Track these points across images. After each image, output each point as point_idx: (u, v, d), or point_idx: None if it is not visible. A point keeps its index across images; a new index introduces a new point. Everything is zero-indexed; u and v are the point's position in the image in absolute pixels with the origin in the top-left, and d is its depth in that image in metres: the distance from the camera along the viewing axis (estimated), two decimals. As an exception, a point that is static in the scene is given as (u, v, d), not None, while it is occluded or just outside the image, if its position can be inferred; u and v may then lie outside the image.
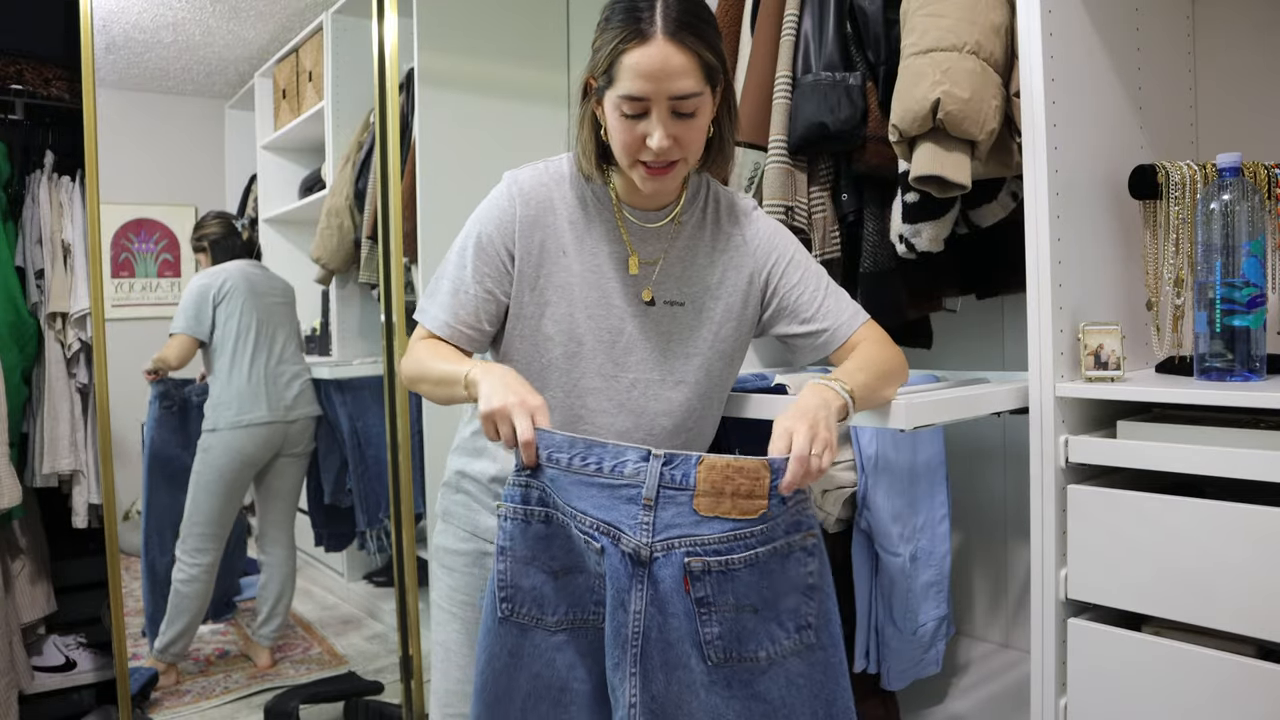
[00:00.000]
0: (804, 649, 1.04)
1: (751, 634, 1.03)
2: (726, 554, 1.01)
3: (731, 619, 1.02)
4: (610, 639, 1.02)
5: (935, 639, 1.78)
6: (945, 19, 1.42)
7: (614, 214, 1.23)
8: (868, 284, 1.66)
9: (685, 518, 1.01)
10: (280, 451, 2.63)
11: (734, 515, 1.00)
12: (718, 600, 1.01)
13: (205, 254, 2.65)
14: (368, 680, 2.44)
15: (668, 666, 1.01)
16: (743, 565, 1.01)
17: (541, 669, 1.07)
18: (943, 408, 1.32)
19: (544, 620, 1.07)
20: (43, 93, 2.30)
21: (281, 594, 2.68)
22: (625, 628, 1.00)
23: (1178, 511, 1.24)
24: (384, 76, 2.36)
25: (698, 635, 1.01)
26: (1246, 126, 1.64)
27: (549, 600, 1.06)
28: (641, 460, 1.02)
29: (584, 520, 1.03)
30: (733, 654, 1.02)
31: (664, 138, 1.10)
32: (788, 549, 1.03)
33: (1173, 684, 1.24)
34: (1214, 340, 1.31)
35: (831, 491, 1.71)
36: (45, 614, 2.22)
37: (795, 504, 1.03)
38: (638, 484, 1.02)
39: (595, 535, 1.02)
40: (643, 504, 1.01)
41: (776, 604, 1.03)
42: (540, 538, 1.06)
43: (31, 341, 2.16)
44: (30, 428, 2.18)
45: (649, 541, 1.00)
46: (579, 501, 1.03)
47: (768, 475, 1.00)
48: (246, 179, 3.17)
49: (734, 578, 1.01)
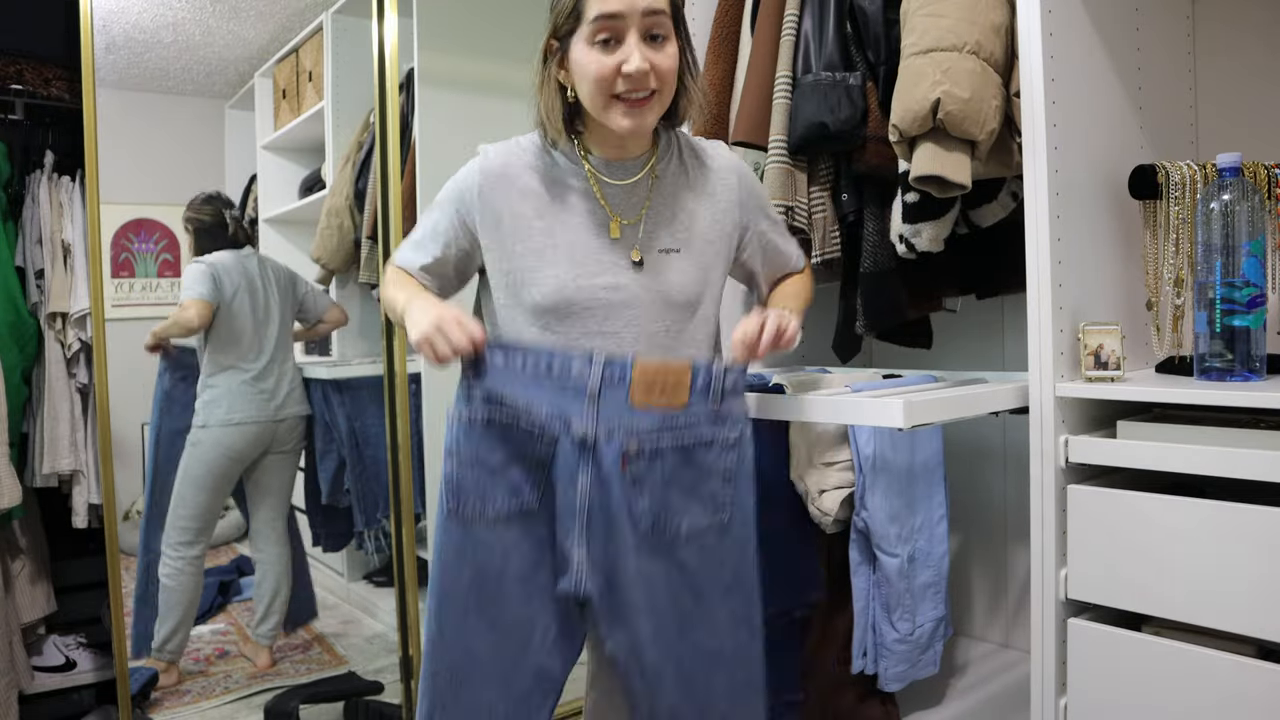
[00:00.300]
0: (719, 527, 1.23)
1: (676, 511, 1.20)
2: (656, 440, 1.18)
3: (659, 496, 1.19)
4: (562, 512, 1.18)
5: (933, 640, 1.78)
6: (945, 19, 1.42)
7: (587, 179, 1.24)
8: (868, 284, 1.66)
9: (623, 409, 1.18)
10: (269, 449, 2.63)
11: (661, 407, 1.19)
12: (648, 479, 1.18)
13: (190, 235, 2.63)
14: (368, 680, 2.44)
15: (607, 533, 1.18)
16: (670, 449, 1.19)
17: (483, 561, 1.19)
18: (942, 407, 1.32)
19: (485, 513, 1.19)
20: (43, 93, 2.30)
21: (277, 591, 2.67)
22: (575, 502, 1.18)
23: (1178, 511, 1.24)
24: (384, 76, 2.36)
25: (633, 509, 1.18)
26: (1246, 126, 1.64)
27: (489, 493, 1.19)
28: (585, 363, 1.18)
29: (539, 410, 1.17)
30: (660, 526, 1.19)
31: (641, 61, 1.15)
32: (710, 440, 1.21)
33: (1173, 684, 1.24)
34: (1214, 340, 1.31)
35: (829, 491, 1.71)
36: (45, 614, 2.22)
37: (721, 405, 1.21)
38: (583, 381, 1.17)
39: (550, 424, 1.17)
40: (588, 397, 1.17)
41: (698, 487, 1.21)
42: (483, 438, 1.19)
43: (31, 341, 2.16)
44: (30, 428, 2.18)
45: (594, 428, 1.17)
46: (534, 395, 1.18)
47: (688, 374, 1.20)
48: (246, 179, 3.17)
49: (663, 459, 1.19)
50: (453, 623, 1.20)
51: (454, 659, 1.20)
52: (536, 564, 1.20)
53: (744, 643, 1.25)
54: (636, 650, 1.20)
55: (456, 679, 1.20)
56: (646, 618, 1.20)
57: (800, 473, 1.73)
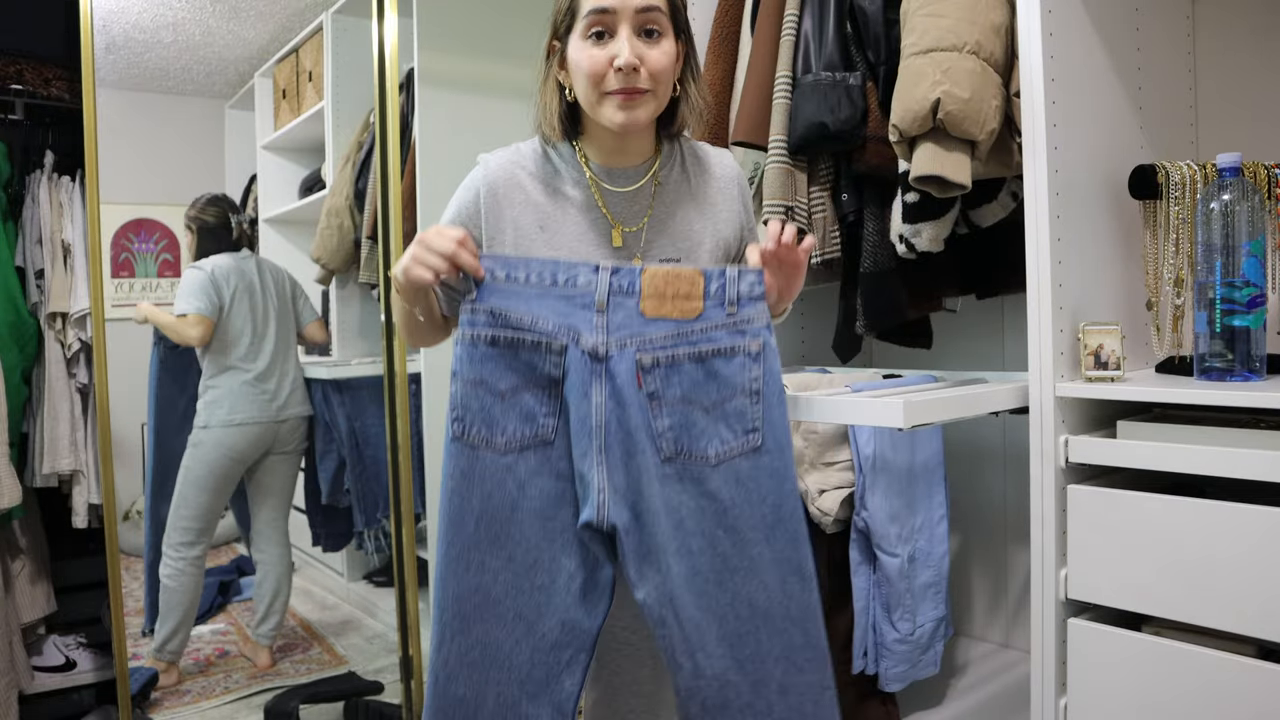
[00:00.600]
0: (750, 452, 1.12)
1: (701, 432, 1.12)
2: (672, 349, 1.12)
3: (680, 414, 1.12)
4: (577, 431, 1.11)
5: (933, 640, 1.78)
6: (945, 19, 1.42)
7: (589, 185, 1.23)
8: (868, 284, 1.66)
9: (633, 320, 1.12)
10: (271, 450, 2.63)
11: (674, 316, 1.13)
12: (666, 394, 1.12)
13: (193, 235, 2.63)
14: (368, 680, 2.44)
15: (628, 454, 1.11)
16: (688, 360, 1.12)
17: (493, 489, 1.12)
18: (942, 407, 1.32)
19: (493, 441, 1.12)
20: (43, 93, 2.30)
21: (278, 591, 2.67)
22: (589, 419, 1.11)
23: (1178, 511, 1.24)
24: (384, 76, 2.36)
25: (651, 427, 1.11)
26: (1246, 126, 1.64)
27: (498, 421, 1.12)
28: (592, 272, 1.13)
29: (545, 323, 1.12)
30: (683, 448, 1.12)
31: (631, 54, 1.14)
32: (731, 352, 1.13)
33: (1173, 684, 1.24)
34: (1214, 340, 1.31)
35: (829, 491, 1.71)
36: (45, 614, 2.22)
37: (738, 311, 1.14)
38: (590, 291, 1.12)
39: (558, 335, 1.12)
40: (596, 309, 1.12)
41: (723, 405, 1.13)
42: (488, 358, 1.13)
43: (31, 341, 2.16)
44: (30, 428, 2.18)
45: (605, 339, 1.11)
46: (539, 309, 1.12)
47: (702, 280, 1.13)
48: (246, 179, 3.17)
49: (681, 372, 1.12)
50: (461, 554, 1.12)
51: (462, 593, 1.12)
52: (558, 501, 1.13)
53: (795, 594, 1.12)
54: (672, 599, 1.10)
55: (465, 616, 1.13)
56: (679, 559, 1.10)
57: (800, 473, 1.73)
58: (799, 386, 1.60)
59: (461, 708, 1.13)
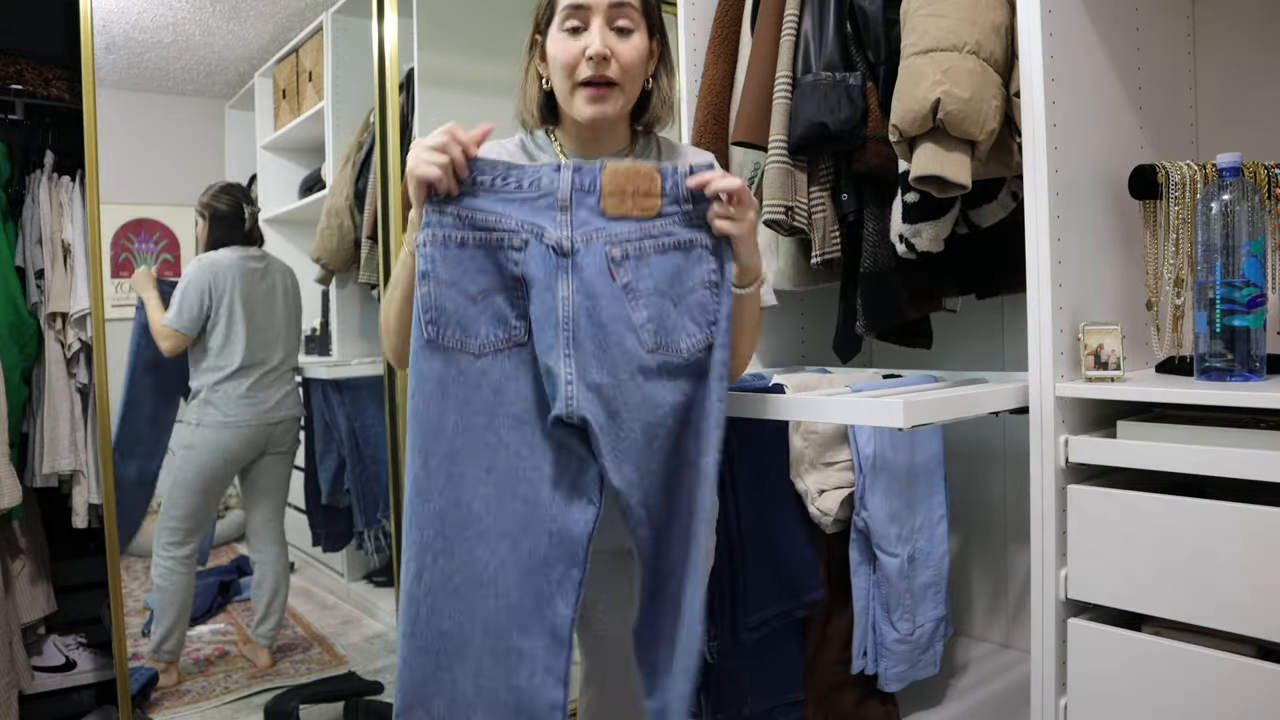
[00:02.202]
0: (709, 346, 1.15)
1: (674, 325, 1.14)
2: (638, 242, 1.13)
3: (655, 306, 1.13)
4: (540, 323, 1.11)
5: (933, 640, 1.78)
6: (945, 19, 1.42)
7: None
8: (868, 284, 1.66)
9: (596, 218, 1.13)
10: (265, 450, 2.63)
11: (635, 214, 1.14)
12: (640, 286, 1.13)
13: (205, 222, 2.62)
14: (368, 680, 2.44)
15: (601, 348, 1.11)
16: (654, 254, 1.14)
17: (469, 395, 1.10)
18: (942, 407, 1.31)
19: (467, 344, 1.11)
20: (43, 93, 2.30)
21: (276, 591, 2.67)
22: (555, 312, 1.10)
23: (1178, 511, 1.24)
24: (384, 76, 2.36)
25: (630, 318, 1.12)
26: (1246, 126, 1.64)
27: (470, 323, 1.11)
28: (554, 171, 1.13)
29: (509, 222, 1.12)
30: (662, 341, 1.13)
31: (601, 45, 1.19)
32: (690, 244, 1.15)
33: (1173, 684, 1.24)
34: (1214, 340, 1.31)
35: (829, 491, 1.71)
36: (45, 614, 2.22)
37: (690, 208, 1.15)
38: (553, 191, 1.13)
39: (519, 231, 1.11)
40: (559, 207, 1.13)
41: (688, 298, 1.15)
42: (459, 260, 1.11)
43: (31, 341, 2.16)
44: (30, 428, 2.18)
45: (570, 235, 1.12)
46: (503, 209, 1.12)
47: (658, 176, 1.15)
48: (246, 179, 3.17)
49: (649, 264, 1.13)
50: (440, 466, 1.08)
51: (444, 508, 1.08)
52: (534, 405, 1.12)
53: (700, 470, 1.14)
54: (644, 493, 1.12)
55: (447, 536, 1.08)
56: (656, 458, 1.12)
57: (800, 473, 1.73)
58: (799, 386, 1.60)
59: (446, 643, 1.08)
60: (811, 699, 1.73)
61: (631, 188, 1.14)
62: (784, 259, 1.86)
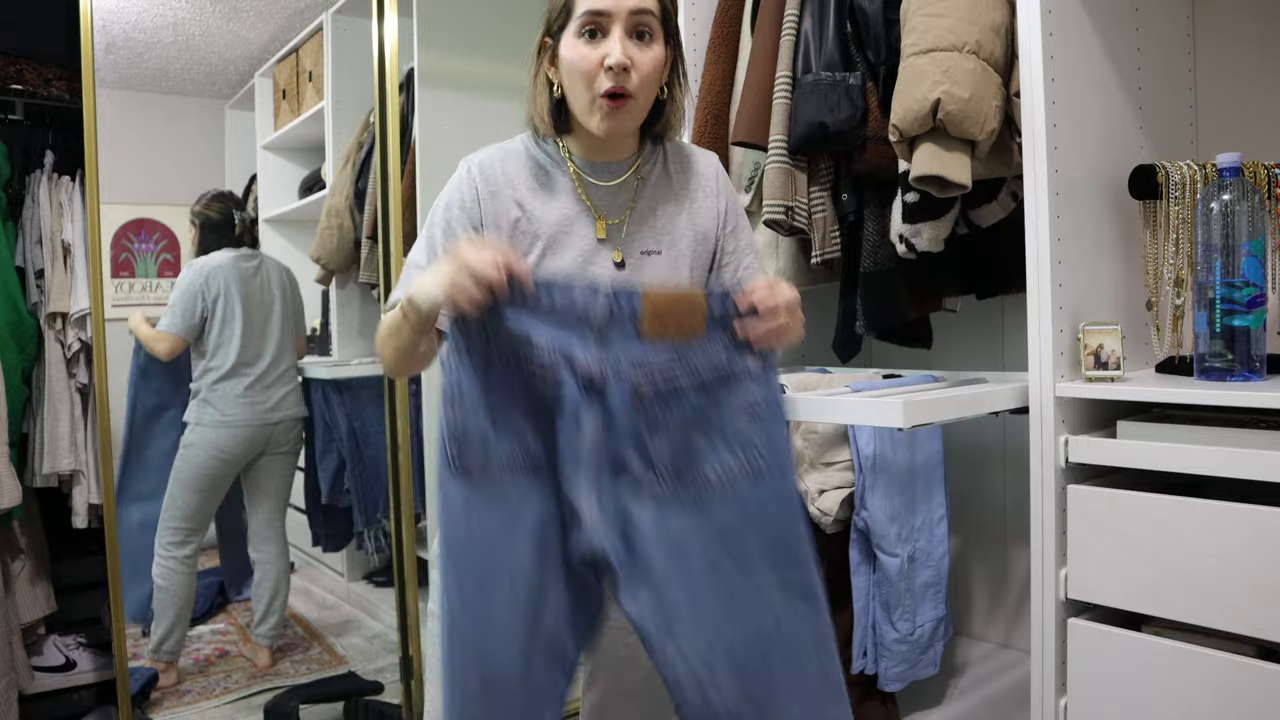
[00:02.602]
0: (752, 473, 1.09)
1: (701, 455, 1.09)
2: (671, 372, 1.08)
3: (680, 439, 1.08)
4: (565, 457, 1.07)
5: (933, 640, 1.78)
6: (945, 19, 1.42)
7: (573, 180, 1.24)
8: (868, 284, 1.66)
9: (632, 344, 1.08)
10: (265, 451, 2.63)
11: (675, 340, 1.08)
12: (666, 419, 1.08)
13: (196, 230, 2.63)
14: (368, 680, 2.44)
15: (620, 483, 1.07)
16: (688, 384, 1.08)
17: (490, 515, 1.08)
18: (942, 407, 1.32)
19: (489, 466, 1.08)
20: (43, 93, 2.30)
21: (276, 591, 2.68)
22: (580, 446, 1.06)
23: (1178, 511, 1.24)
24: (384, 76, 2.36)
25: (649, 454, 1.08)
26: (1246, 126, 1.64)
27: (492, 445, 1.08)
28: (591, 294, 1.08)
29: (539, 347, 1.07)
30: (683, 475, 1.08)
31: (622, 54, 1.14)
32: (731, 374, 1.09)
33: (1173, 684, 1.24)
34: (1214, 340, 1.31)
35: (829, 491, 1.71)
36: (45, 614, 2.22)
37: (737, 334, 1.10)
38: (587, 314, 1.07)
39: (550, 361, 1.07)
40: (593, 333, 1.07)
41: (723, 427, 1.09)
42: (484, 380, 1.07)
43: (31, 341, 2.16)
44: (30, 428, 2.18)
45: (600, 365, 1.07)
46: (533, 333, 1.07)
47: (704, 302, 1.09)
48: (246, 179, 3.17)
49: (681, 396, 1.08)
50: (464, 583, 1.08)
51: (468, 622, 1.09)
52: (547, 523, 1.10)
53: (803, 615, 1.10)
54: (672, 630, 1.07)
55: (471, 651, 1.09)
56: (681, 589, 1.07)
57: (800, 473, 1.73)
58: (799, 386, 1.60)
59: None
60: (811, 699, 1.73)
61: (673, 315, 1.09)
62: (784, 259, 1.86)
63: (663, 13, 1.19)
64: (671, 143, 1.31)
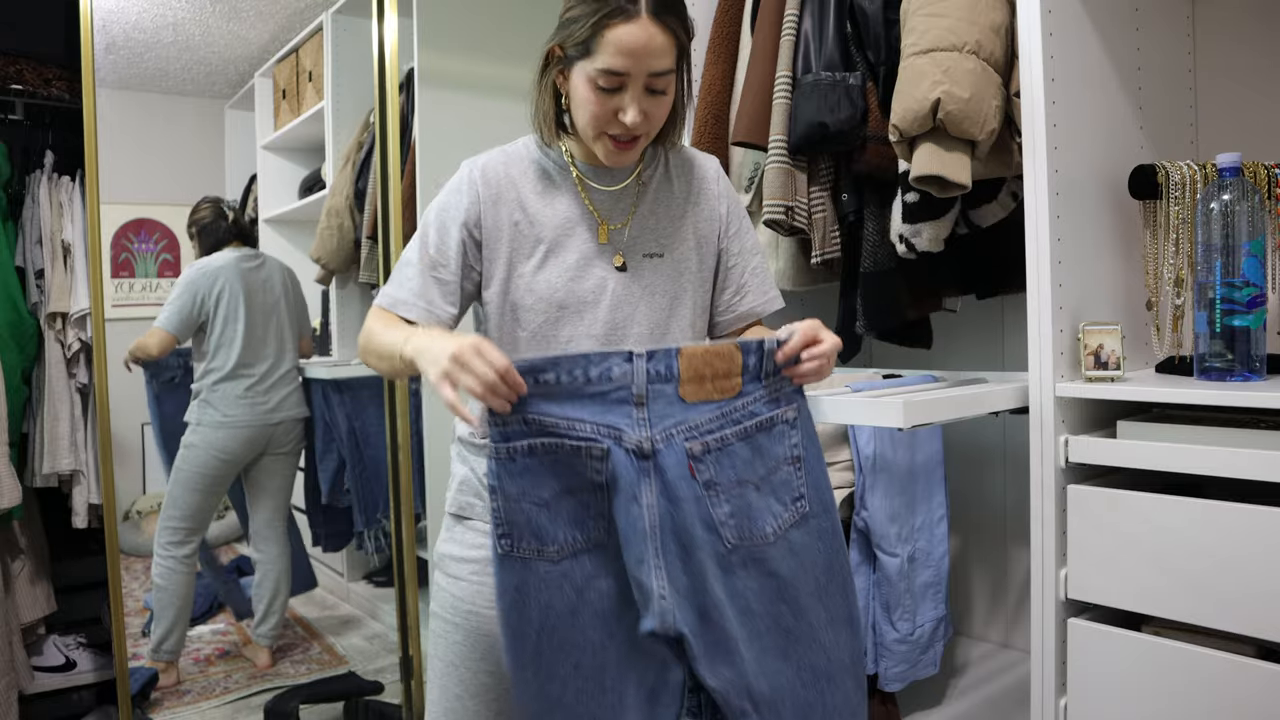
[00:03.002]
0: (800, 519, 1.12)
1: (758, 511, 1.09)
2: (720, 432, 1.09)
3: (738, 497, 1.08)
4: (628, 536, 1.05)
5: (933, 640, 1.78)
6: (945, 19, 1.42)
7: (575, 183, 1.24)
8: (868, 284, 1.66)
9: (675, 407, 1.08)
10: (265, 451, 2.63)
11: (716, 397, 1.09)
12: (722, 480, 1.08)
13: (194, 241, 2.64)
14: (368, 680, 2.44)
15: (687, 552, 1.06)
16: (736, 440, 1.09)
17: (551, 599, 1.06)
18: (942, 407, 1.31)
19: (544, 551, 1.06)
20: (43, 93, 2.30)
21: (277, 592, 2.68)
22: (642, 521, 1.04)
23: (1178, 511, 1.24)
24: (384, 76, 2.36)
25: (711, 518, 1.07)
26: (1246, 126, 1.64)
27: (546, 530, 1.06)
28: (625, 362, 1.07)
29: (584, 427, 1.05)
30: (745, 533, 1.09)
31: (637, 114, 1.14)
32: (771, 424, 1.11)
33: (1173, 684, 1.24)
34: (1214, 340, 1.31)
35: (831, 491, 1.71)
36: (45, 614, 2.22)
37: (771, 382, 1.12)
38: (626, 384, 1.06)
39: (599, 439, 1.05)
40: (635, 402, 1.07)
41: (771, 478, 1.11)
42: (528, 469, 1.06)
43: (31, 341, 2.16)
44: (30, 428, 2.19)
45: (649, 435, 1.06)
46: (575, 412, 1.06)
47: (739, 354, 1.10)
48: (246, 179, 3.17)
49: (732, 455, 1.09)
50: (529, 663, 1.06)
51: (538, 706, 1.07)
52: (619, 601, 1.08)
53: (847, 644, 1.14)
54: (748, 688, 1.08)
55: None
56: (749, 646, 1.08)
57: (800, 473, 1.73)
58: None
59: None
60: (811, 699, 1.73)
61: (710, 371, 1.09)
62: (784, 259, 1.86)
63: (678, 52, 1.16)
64: (673, 147, 1.31)
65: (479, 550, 1.24)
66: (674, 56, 1.15)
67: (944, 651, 1.83)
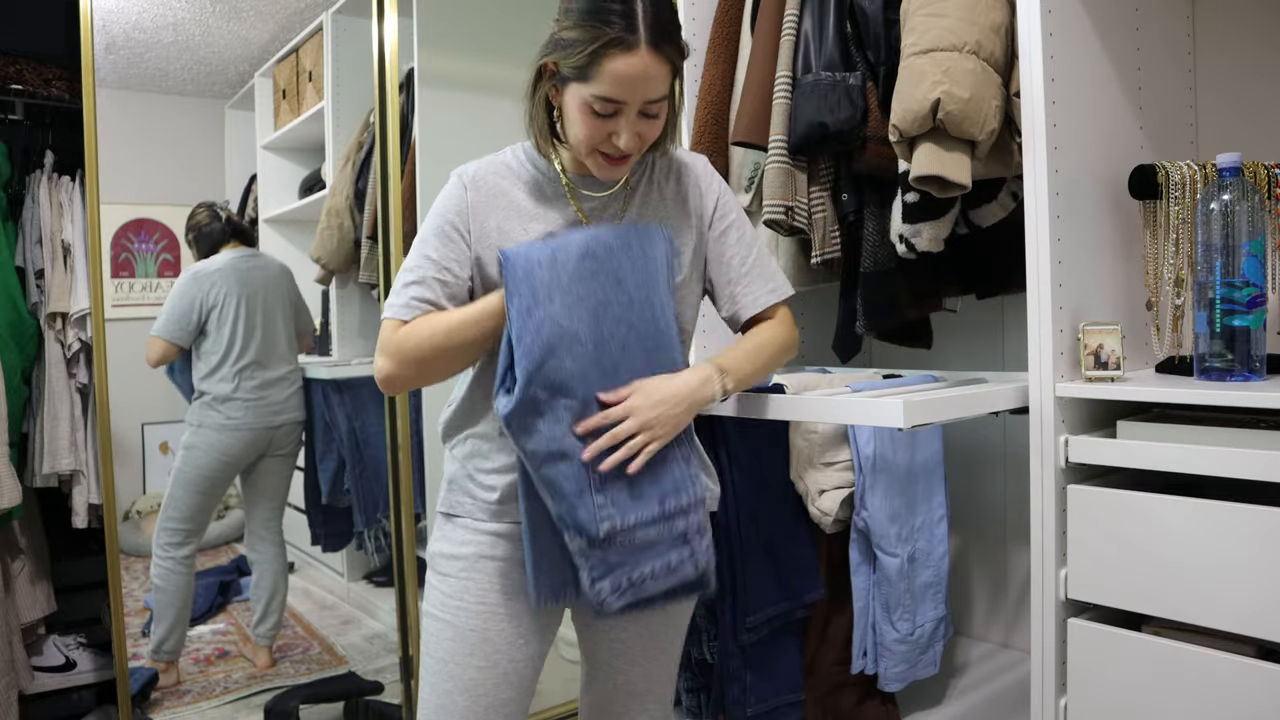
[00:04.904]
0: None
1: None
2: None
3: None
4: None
5: (933, 640, 1.78)
6: (945, 19, 1.42)
7: (565, 191, 1.25)
8: (868, 284, 1.66)
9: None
10: (265, 453, 2.62)
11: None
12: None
13: (192, 248, 2.64)
14: (368, 680, 2.44)
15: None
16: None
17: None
18: (942, 407, 1.31)
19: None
20: (43, 93, 2.30)
21: (275, 592, 2.67)
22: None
23: (1178, 511, 1.24)
24: (384, 76, 2.36)
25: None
26: (1246, 126, 1.64)
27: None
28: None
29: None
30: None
31: (632, 138, 1.16)
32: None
33: (1173, 684, 1.24)
34: (1214, 340, 1.31)
35: (829, 491, 1.71)
36: (45, 614, 2.22)
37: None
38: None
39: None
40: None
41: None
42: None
43: (31, 341, 2.16)
44: (30, 428, 2.18)
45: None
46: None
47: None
48: (246, 179, 3.16)
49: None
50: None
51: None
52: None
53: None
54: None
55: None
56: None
57: (800, 473, 1.73)
58: (799, 386, 1.60)
59: None
60: (811, 699, 1.73)
61: None
62: (784, 259, 1.86)
63: (673, 74, 1.16)
64: (663, 154, 1.31)
65: (467, 547, 1.26)
66: (669, 82, 1.16)
67: (944, 651, 1.83)
